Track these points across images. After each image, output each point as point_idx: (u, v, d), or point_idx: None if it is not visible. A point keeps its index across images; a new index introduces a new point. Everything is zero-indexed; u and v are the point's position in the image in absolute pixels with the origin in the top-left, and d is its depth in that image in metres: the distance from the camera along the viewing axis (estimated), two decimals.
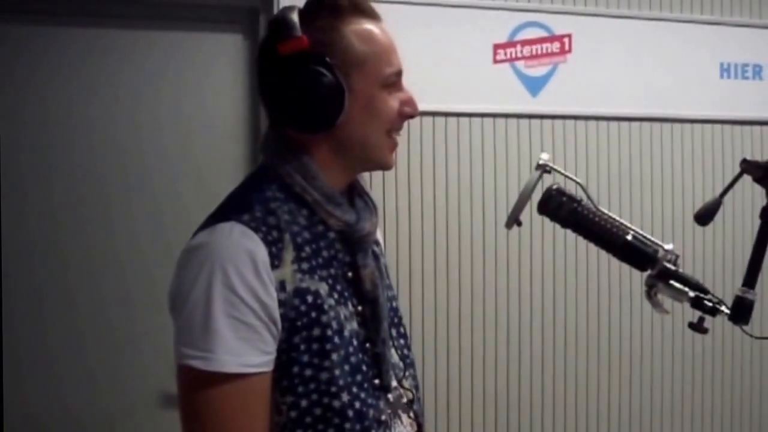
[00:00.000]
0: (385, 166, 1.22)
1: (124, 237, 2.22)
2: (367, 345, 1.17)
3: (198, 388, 1.03)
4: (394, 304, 1.31)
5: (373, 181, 2.30)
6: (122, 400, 2.21)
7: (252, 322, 1.03)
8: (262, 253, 1.05)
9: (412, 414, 1.26)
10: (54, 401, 2.17)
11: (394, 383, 1.22)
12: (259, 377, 1.05)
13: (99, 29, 2.19)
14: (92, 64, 2.19)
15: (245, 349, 1.03)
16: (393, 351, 1.25)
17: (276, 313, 1.05)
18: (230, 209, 1.11)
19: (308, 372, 1.08)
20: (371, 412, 1.14)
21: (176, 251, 1.11)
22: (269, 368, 1.06)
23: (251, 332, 1.03)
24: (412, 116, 1.19)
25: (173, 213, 2.22)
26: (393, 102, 1.16)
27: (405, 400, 1.25)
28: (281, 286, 1.06)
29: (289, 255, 1.08)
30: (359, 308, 1.18)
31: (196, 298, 1.03)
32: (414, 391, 1.28)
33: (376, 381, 1.17)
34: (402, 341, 1.30)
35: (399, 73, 1.17)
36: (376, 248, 1.26)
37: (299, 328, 1.07)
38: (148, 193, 2.23)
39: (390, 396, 1.20)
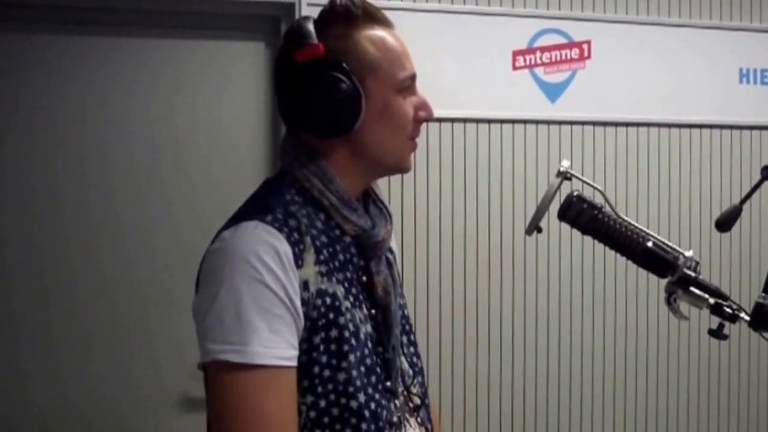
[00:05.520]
0: (403, 169, 1.24)
1: (142, 243, 2.24)
2: (380, 348, 1.19)
3: (233, 382, 1.02)
4: (405, 312, 1.33)
5: (390, 188, 2.32)
6: (134, 404, 2.21)
7: (282, 314, 1.04)
8: (287, 249, 1.06)
9: (419, 419, 1.27)
10: (61, 405, 2.18)
11: (400, 389, 1.23)
12: (289, 371, 1.06)
13: (126, 38, 2.23)
14: (123, 72, 2.23)
15: (278, 342, 1.03)
16: (403, 358, 1.27)
17: (300, 310, 1.06)
18: (252, 211, 1.12)
19: (327, 373, 1.09)
20: (384, 413, 1.15)
21: (193, 257, 1.12)
22: (296, 364, 1.07)
23: (282, 324, 1.04)
24: (427, 120, 1.21)
25: (192, 217, 2.24)
26: (408, 106, 1.18)
27: (411, 405, 1.26)
28: (305, 285, 1.07)
29: (310, 257, 1.10)
30: (372, 312, 1.19)
31: (226, 293, 1.03)
32: (421, 397, 1.29)
33: (388, 383, 1.19)
34: (412, 349, 1.32)
35: (413, 78, 1.19)
36: (389, 255, 1.27)
37: (319, 329, 1.09)
38: (168, 198, 2.26)
39: (396, 401, 1.21)
